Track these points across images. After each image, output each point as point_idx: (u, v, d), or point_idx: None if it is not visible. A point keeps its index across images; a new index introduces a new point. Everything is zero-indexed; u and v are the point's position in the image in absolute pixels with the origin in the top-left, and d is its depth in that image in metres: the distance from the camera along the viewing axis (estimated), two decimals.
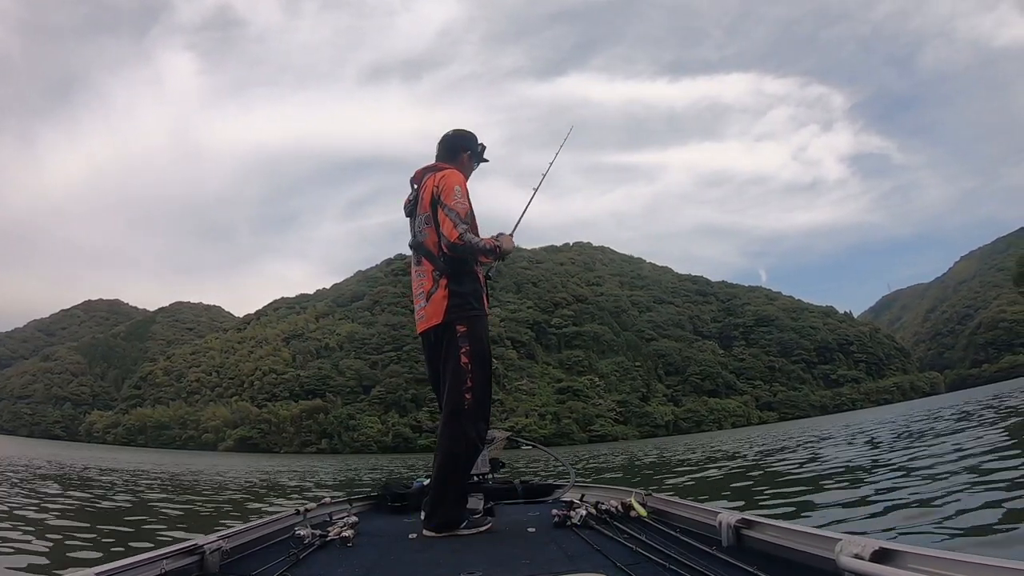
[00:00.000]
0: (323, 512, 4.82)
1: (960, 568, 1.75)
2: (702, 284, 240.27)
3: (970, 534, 4.92)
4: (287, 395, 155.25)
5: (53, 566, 5.51)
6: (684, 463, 19.22)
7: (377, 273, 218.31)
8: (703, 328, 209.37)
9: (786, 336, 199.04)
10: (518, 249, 4.61)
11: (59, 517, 8.69)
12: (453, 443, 4.24)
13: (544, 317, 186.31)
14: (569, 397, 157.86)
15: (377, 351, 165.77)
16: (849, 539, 2.14)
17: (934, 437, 14.43)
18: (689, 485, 12.32)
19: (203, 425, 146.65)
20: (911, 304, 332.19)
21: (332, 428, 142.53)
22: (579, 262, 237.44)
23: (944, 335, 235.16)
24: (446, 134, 4.94)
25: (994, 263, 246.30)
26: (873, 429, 23.83)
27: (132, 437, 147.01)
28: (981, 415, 19.25)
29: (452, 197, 4.34)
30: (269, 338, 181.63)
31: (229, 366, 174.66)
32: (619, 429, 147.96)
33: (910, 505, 6.37)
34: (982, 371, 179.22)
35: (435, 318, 4.39)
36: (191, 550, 2.88)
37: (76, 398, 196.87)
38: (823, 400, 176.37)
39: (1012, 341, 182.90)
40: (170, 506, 11.19)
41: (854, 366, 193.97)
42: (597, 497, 4.77)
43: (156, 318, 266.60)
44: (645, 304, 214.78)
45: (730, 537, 2.98)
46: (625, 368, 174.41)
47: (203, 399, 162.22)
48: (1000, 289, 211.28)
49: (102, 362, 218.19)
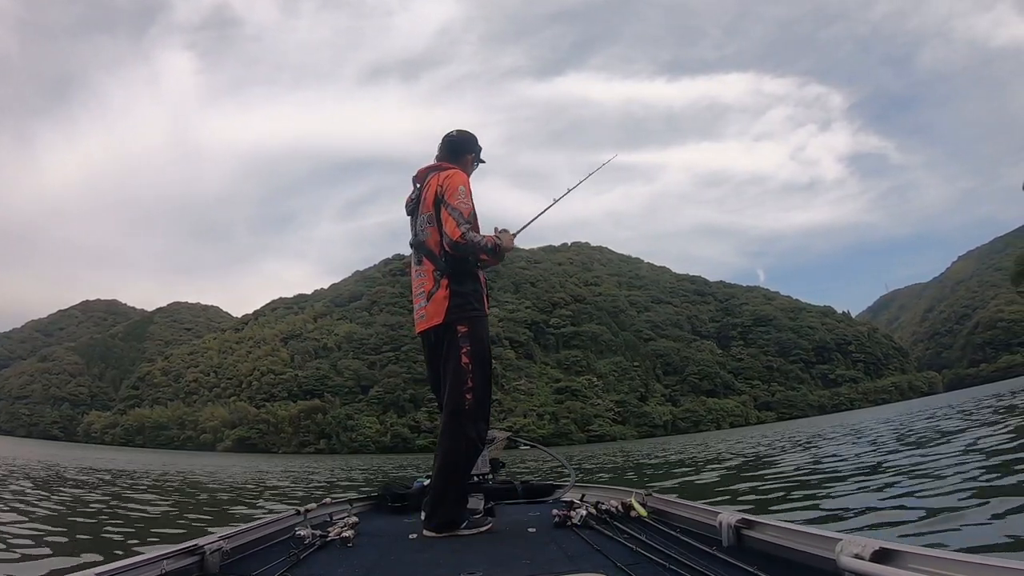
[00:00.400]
0: (323, 512, 4.81)
1: (961, 568, 1.74)
2: (700, 284, 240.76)
3: (970, 534, 4.89)
4: (285, 395, 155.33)
5: (53, 566, 5.46)
6: (683, 464, 19.19)
7: (375, 273, 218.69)
8: (701, 328, 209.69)
9: (784, 336, 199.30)
10: (516, 249, 4.58)
11: (59, 518, 8.67)
12: (454, 443, 4.22)
13: (542, 317, 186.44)
14: (567, 397, 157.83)
15: (375, 351, 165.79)
16: (849, 539, 2.13)
17: (939, 436, 14.42)
18: (688, 485, 12.30)
19: (201, 425, 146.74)
20: (909, 304, 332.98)
21: (330, 428, 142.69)
22: (577, 262, 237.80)
23: (942, 335, 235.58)
24: (449, 134, 4.91)
25: (992, 263, 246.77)
26: (874, 428, 23.89)
27: (130, 437, 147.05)
28: (981, 414, 19.29)
29: (456, 196, 4.33)
30: (267, 338, 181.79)
31: (227, 366, 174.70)
32: (617, 429, 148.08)
33: (910, 505, 6.36)
34: (980, 371, 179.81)
35: (436, 318, 4.37)
36: (191, 550, 2.87)
37: (74, 398, 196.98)
38: (821, 400, 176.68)
39: (1010, 341, 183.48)
40: (155, 508, 11.15)
41: (852, 366, 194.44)
42: (597, 497, 4.77)
43: (154, 318, 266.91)
44: (643, 304, 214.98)
45: (730, 537, 2.98)
46: (623, 368, 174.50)
47: (201, 399, 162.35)
48: (998, 289, 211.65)
49: (100, 362, 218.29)
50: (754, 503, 8.26)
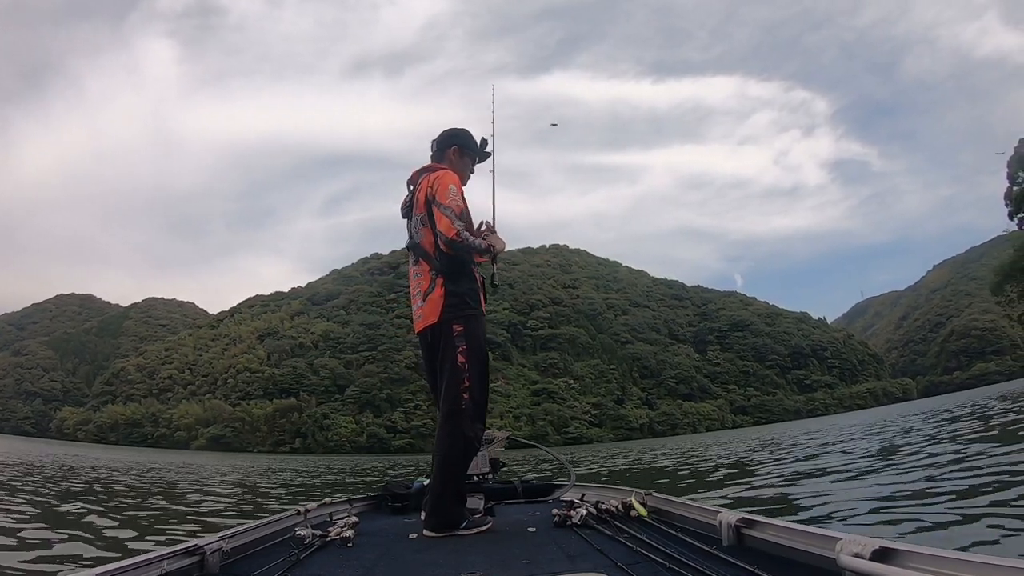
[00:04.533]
0: (323, 512, 4.84)
1: (961, 567, 1.74)
2: (677, 288, 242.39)
3: (970, 533, 4.89)
4: (261, 394, 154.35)
5: (52, 567, 5.44)
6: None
7: (353, 272, 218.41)
8: (678, 332, 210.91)
9: (760, 341, 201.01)
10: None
11: (57, 518, 8.52)
12: (451, 443, 4.23)
13: (520, 319, 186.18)
14: (544, 399, 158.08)
15: (352, 351, 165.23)
16: (849, 538, 2.13)
17: (927, 439, 14.51)
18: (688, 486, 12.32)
19: (175, 423, 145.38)
20: (884, 311, 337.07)
21: (306, 428, 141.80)
22: (555, 264, 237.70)
23: (916, 342, 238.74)
24: (440, 133, 4.92)
25: (967, 272, 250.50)
26: (852, 433, 24.04)
27: (103, 435, 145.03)
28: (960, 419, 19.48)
29: (447, 196, 4.34)
30: (243, 336, 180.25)
31: (202, 364, 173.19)
32: (594, 431, 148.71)
33: (909, 505, 6.37)
34: (954, 378, 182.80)
35: (432, 317, 4.41)
36: (191, 551, 2.87)
37: (47, 394, 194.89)
38: (797, 405, 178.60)
39: (983, 349, 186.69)
40: (153, 508, 11.00)
41: (827, 372, 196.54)
42: (597, 497, 4.82)
43: (129, 313, 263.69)
44: (621, 307, 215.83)
45: (730, 536, 2.99)
46: (600, 371, 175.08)
47: (176, 397, 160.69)
48: (972, 298, 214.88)
49: (73, 357, 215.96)
50: (754, 503, 8.32)
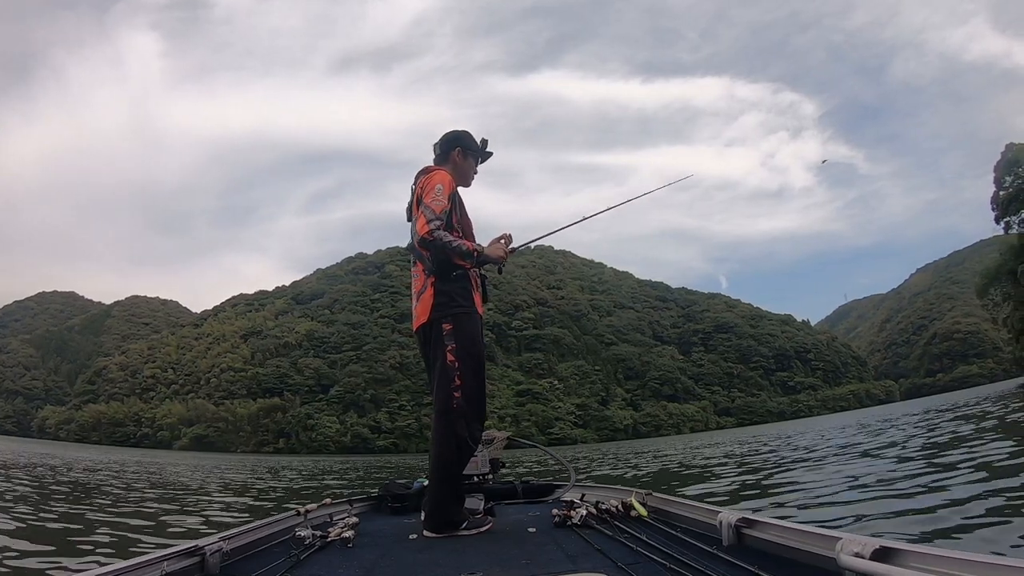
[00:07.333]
0: (323, 513, 4.85)
1: (961, 567, 1.75)
2: (662, 290, 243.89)
3: (969, 533, 4.93)
4: (245, 393, 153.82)
5: (53, 567, 5.41)
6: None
7: (337, 271, 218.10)
8: (663, 334, 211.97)
9: (745, 343, 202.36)
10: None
11: (57, 518, 8.50)
12: (444, 442, 4.20)
13: (504, 319, 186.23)
14: (529, 400, 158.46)
15: (336, 350, 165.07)
16: (850, 538, 2.14)
17: (923, 440, 14.58)
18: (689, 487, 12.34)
19: (158, 423, 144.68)
20: (867, 314, 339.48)
21: (290, 427, 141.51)
22: (540, 265, 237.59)
23: (899, 345, 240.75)
24: (442, 136, 4.91)
25: (949, 276, 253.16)
26: (830, 434, 24.14)
27: (85, 434, 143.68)
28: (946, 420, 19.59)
29: (431, 194, 4.33)
30: (227, 335, 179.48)
31: (186, 363, 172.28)
32: (578, 432, 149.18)
33: (908, 505, 6.39)
34: (936, 380, 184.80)
35: (423, 316, 4.41)
36: (192, 551, 2.87)
37: (28, 392, 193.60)
38: (781, 406, 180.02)
39: (966, 352, 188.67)
40: (150, 508, 10.93)
41: (811, 373, 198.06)
42: (597, 497, 4.84)
43: (112, 312, 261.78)
44: (605, 308, 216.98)
45: (731, 536, 3.01)
46: (585, 372, 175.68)
47: (159, 396, 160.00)
48: (955, 302, 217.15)
49: (55, 356, 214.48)
50: (754, 502, 8.37)
